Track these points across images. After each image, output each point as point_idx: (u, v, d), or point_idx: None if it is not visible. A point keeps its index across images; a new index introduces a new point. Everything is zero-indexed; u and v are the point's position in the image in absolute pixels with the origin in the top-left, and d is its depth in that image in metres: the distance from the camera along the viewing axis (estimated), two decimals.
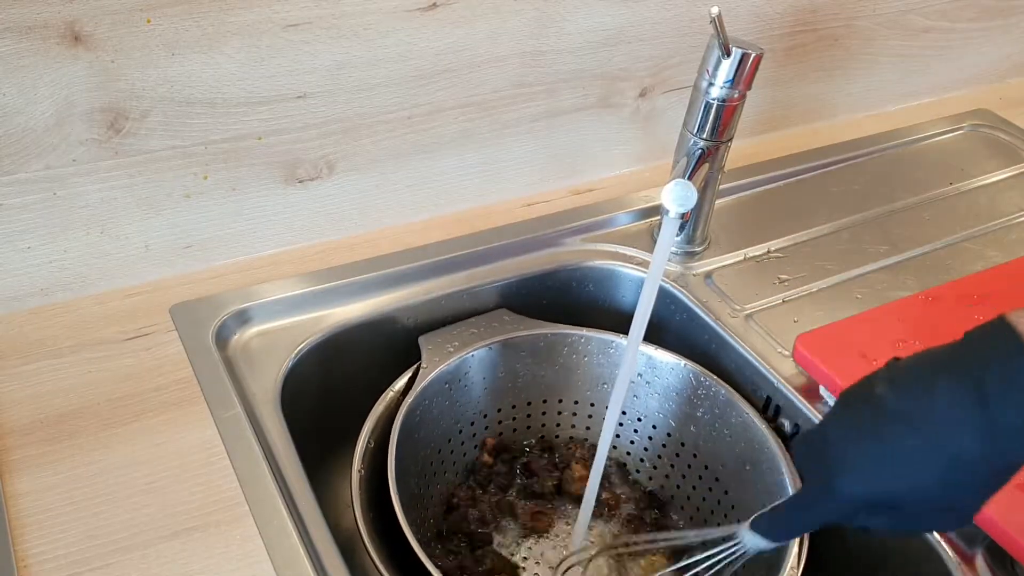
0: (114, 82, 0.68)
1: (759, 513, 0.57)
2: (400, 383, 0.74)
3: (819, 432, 0.52)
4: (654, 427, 0.81)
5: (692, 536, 0.69)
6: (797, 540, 0.64)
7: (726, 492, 0.76)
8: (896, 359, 0.50)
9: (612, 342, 0.79)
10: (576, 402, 0.83)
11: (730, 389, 0.75)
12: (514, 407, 0.81)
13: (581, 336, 0.79)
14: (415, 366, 0.75)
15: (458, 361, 0.76)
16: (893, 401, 0.48)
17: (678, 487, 0.80)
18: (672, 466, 0.81)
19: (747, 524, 0.58)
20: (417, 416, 0.72)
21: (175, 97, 0.71)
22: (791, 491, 0.67)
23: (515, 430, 0.83)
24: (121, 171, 0.72)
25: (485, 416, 0.80)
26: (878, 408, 0.48)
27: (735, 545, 0.59)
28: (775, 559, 0.65)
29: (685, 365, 0.77)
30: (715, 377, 0.76)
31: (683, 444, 0.79)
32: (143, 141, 0.72)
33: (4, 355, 0.71)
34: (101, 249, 0.75)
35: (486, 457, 0.80)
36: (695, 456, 0.79)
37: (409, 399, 0.71)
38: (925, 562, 0.65)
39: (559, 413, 0.83)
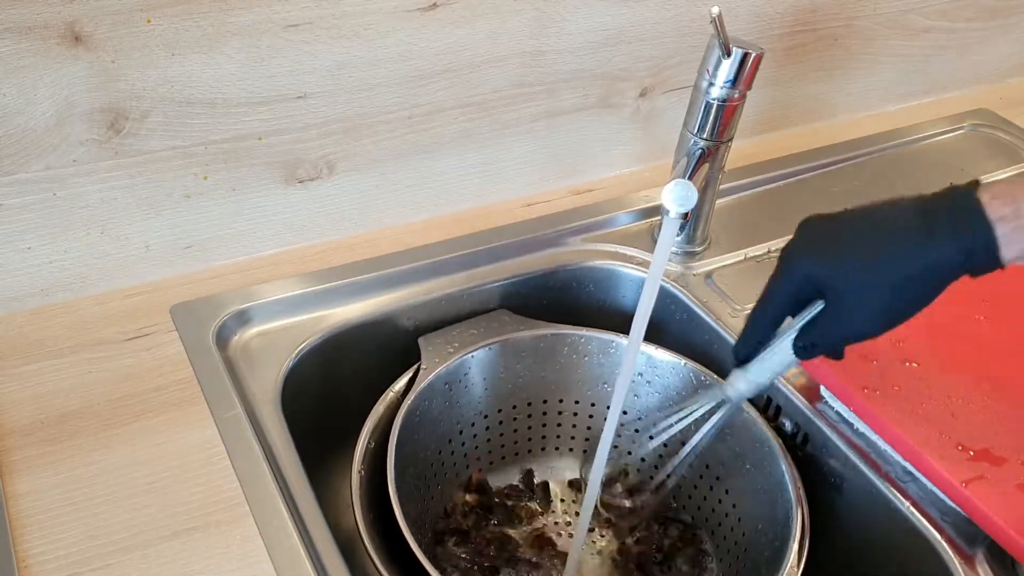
0: (114, 82, 0.68)
1: None
2: (400, 384, 0.73)
3: (792, 237, 0.59)
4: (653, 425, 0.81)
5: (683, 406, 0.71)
6: (797, 541, 0.64)
7: (727, 491, 0.76)
8: None
9: (612, 342, 0.79)
10: (577, 402, 0.82)
11: None
12: (515, 407, 0.81)
13: (581, 336, 0.79)
14: (415, 367, 0.75)
15: (458, 362, 0.75)
16: (863, 207, 0.57)
17: (678, 486, 0.80)
18: None
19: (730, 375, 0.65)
20: (417, 416, 0.72)
21: (175, 97, 0.71)
22: (791, 490, 0.67)
23: (516, 430, 0.83)
24: (121, 171, 0.72)
25: (486, 416, 0.80)
26: (847, 211, 0.57)
27: (713, 396, 0.65)
28: (774, 558, 0.65)
29: (685, 365, 0.77)
30: (716, 377, 0.76)
31: (682, 443, 0.79)
32: (143, 141, 0.72)
33: (4, 355, 0.71)
34: (101, 249, 0.75)
35: (467, 497, 0.80)
36: (695, 455, 0.78)
37: (409, 400, 0.71)
38: (925, 562, 0.65)
39: (560, 413, 0.83)
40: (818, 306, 0.59)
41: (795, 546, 0.64)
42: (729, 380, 0.67)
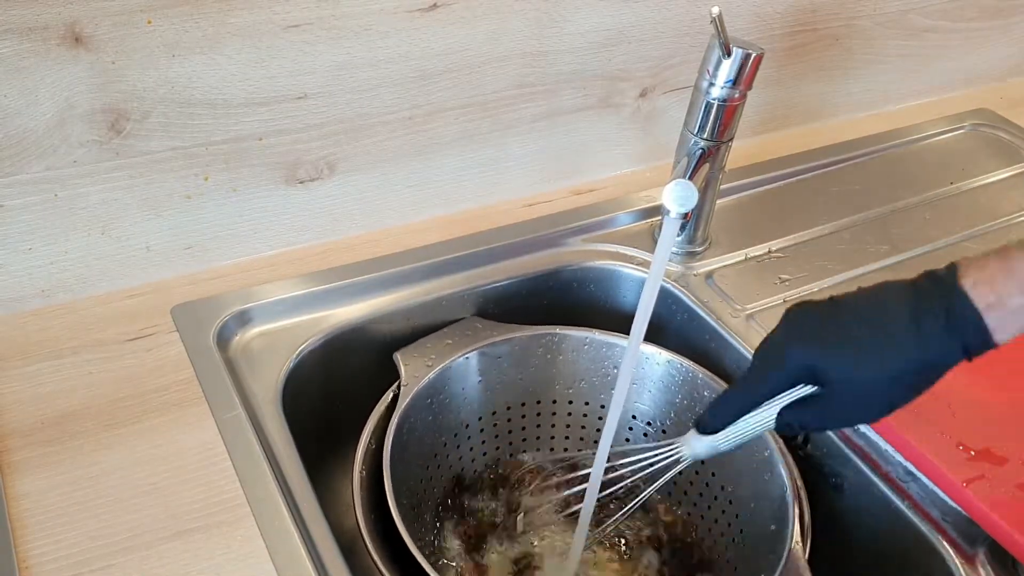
0: (115, 83, 0.68)
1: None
2: (390, 394, 0.73)
3: (778, 325, 0.58)
4: (649, 424, 0.81)
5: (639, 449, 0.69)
6: (797, 541, 0.64)
7: (723, 487, 0.76)
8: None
9: (586, 338, 0.79)
10: (571, 402, 0.83)
11: None
12: (509, 408, 0.81)
13: (584, 336, 0.79)
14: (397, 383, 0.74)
15: (438, 372, 0.74)
16: (850, 299, 0.56)
17: (675, 484, 0.80)
18: None
19: (691, 430, 0.62)
20: (411, 419, 0.72)
21: (176, 98, 0.71)
22: (788, 487, 0.67)
23: (510, 431, 0.82)
24: (122, 172, 0.72)
25: (480, 419, 0.80)
26: (835, 303, 0.57)
27: (669, 448, 0.63)
28: (774, 558, 0.64)
29: (685, 365, 0.77)
30: (716, 377, 0.76)
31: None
32: (144, 142, 0.72)
33: (5, 356, 0.71)
34: (102, 250, 0.75)
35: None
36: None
37: (404, 401, 0.71)
38: (926, 562, 0.65)
39: (553, 414, 0.83)
40: (804, 388, 0.57)
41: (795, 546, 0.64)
42: (687, 439, 0.63)
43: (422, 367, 0.74)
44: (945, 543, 0.64)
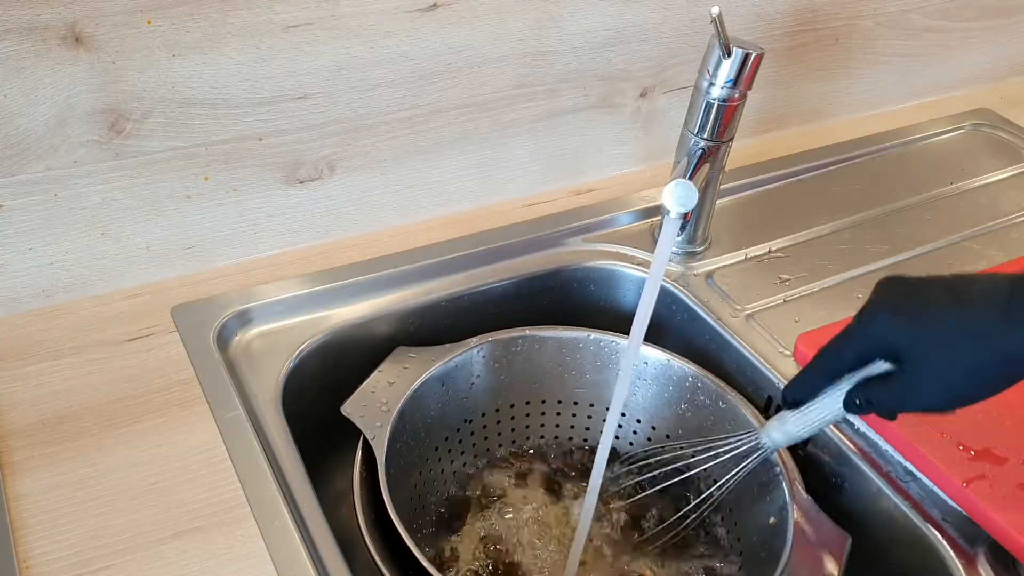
0: (115, 83, 0.68)
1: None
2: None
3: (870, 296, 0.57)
4: (653, 428, 0.81)
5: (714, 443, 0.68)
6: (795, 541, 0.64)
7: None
8: None
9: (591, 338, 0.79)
10: (576, 403, 0.83)
11: (731, 389, 0.75)
12: (512, 406, 0.82)
13: (583, 338, 0.79)
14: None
15: (401, 408, 0.71)
16: (946, 279, 0.54)
17: (685, 493, 0.80)
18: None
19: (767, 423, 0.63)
20: (409, 418, 0.72)
21: (176, 98, 0.71)
22: (787, 492, 0.67)
23: (513, 429, 0.82)
24: (122, 172, 0.72)
25: (481, 416, 0.80)
26: (929, 279, 0.55)
27: (745, 436, 0.62)
28: (773, 558, 0.64)
29: (685, 365, 0.77)
30: (716, 377, 0.76)
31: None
32: (144, 142, 0.72)
33: (6, 356, 0.71)
34: (102, 250, 0.75)
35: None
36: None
37: (401, 400, 0.71)
38: (926, 562, 0.65)
39: (558, 413, 0.83)
40: (879, 366, 0.57)
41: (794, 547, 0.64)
42: (766, 427, 0.65)
43: (380, 413, 0.70)
44: (945, 543, 0.64)
